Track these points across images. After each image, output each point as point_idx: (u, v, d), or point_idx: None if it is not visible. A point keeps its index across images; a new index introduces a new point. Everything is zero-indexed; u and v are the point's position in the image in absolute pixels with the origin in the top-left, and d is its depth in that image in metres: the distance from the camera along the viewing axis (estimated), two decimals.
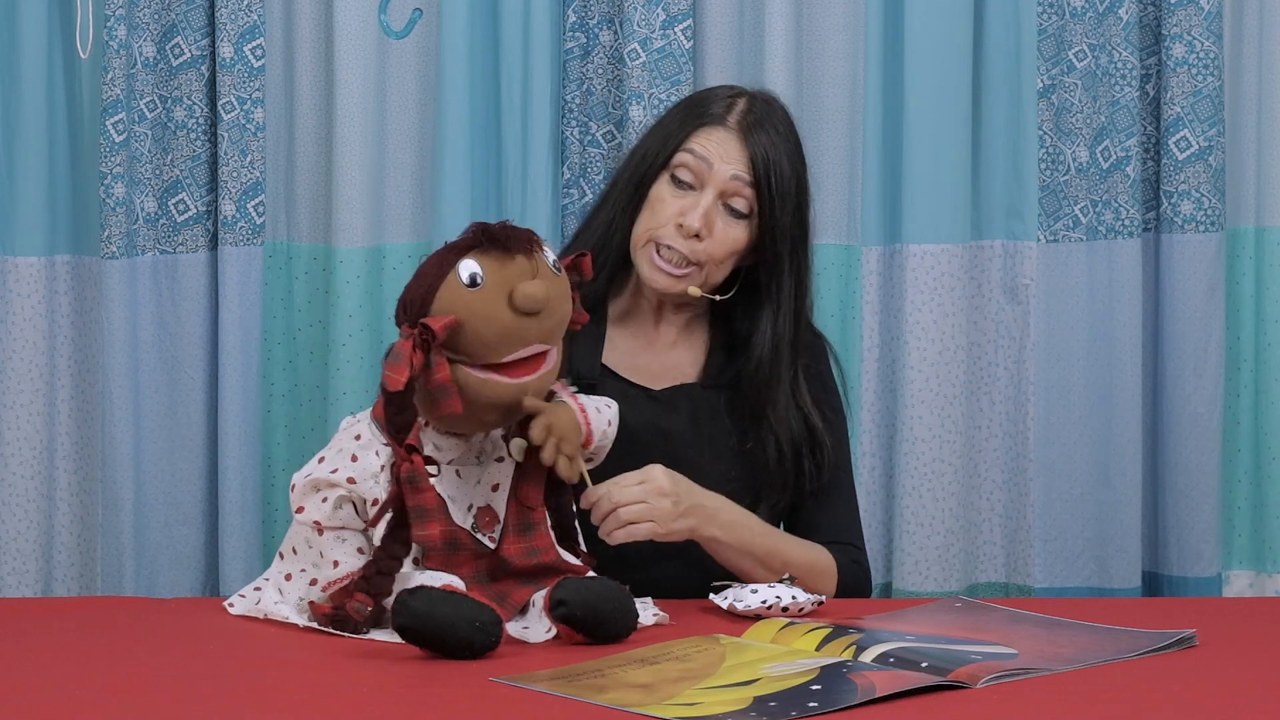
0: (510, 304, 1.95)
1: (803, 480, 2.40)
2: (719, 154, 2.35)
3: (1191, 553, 3.05)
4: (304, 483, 2.05)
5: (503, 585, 2.02)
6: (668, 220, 2.35)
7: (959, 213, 3.02)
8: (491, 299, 1.95)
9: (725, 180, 2.34)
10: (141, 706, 1.71)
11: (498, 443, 2.07)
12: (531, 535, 2.05)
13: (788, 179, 2.36)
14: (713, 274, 2.37)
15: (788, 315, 2.39)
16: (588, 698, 1.71)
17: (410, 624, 1.86)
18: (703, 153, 2.35)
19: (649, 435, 2.37)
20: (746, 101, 2.41)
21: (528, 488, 2.06)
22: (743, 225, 2.36)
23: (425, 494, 1.96)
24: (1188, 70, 3.01)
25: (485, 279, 1.96)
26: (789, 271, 2.38)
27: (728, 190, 2.35)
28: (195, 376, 3.01)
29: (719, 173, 2.35)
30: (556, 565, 2.04)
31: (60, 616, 2.16)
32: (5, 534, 3.00)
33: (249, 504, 2.98)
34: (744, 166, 2.35)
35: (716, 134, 2.36)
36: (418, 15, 3.02)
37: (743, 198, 2.35)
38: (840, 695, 1.71)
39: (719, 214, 2.35)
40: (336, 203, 2.97)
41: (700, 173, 2.35)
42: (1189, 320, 3.03)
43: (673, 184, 2.37)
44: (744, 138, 2.36)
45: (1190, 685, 1.80)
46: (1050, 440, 3.05)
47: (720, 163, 2.35)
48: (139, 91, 2.97)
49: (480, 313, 1.95)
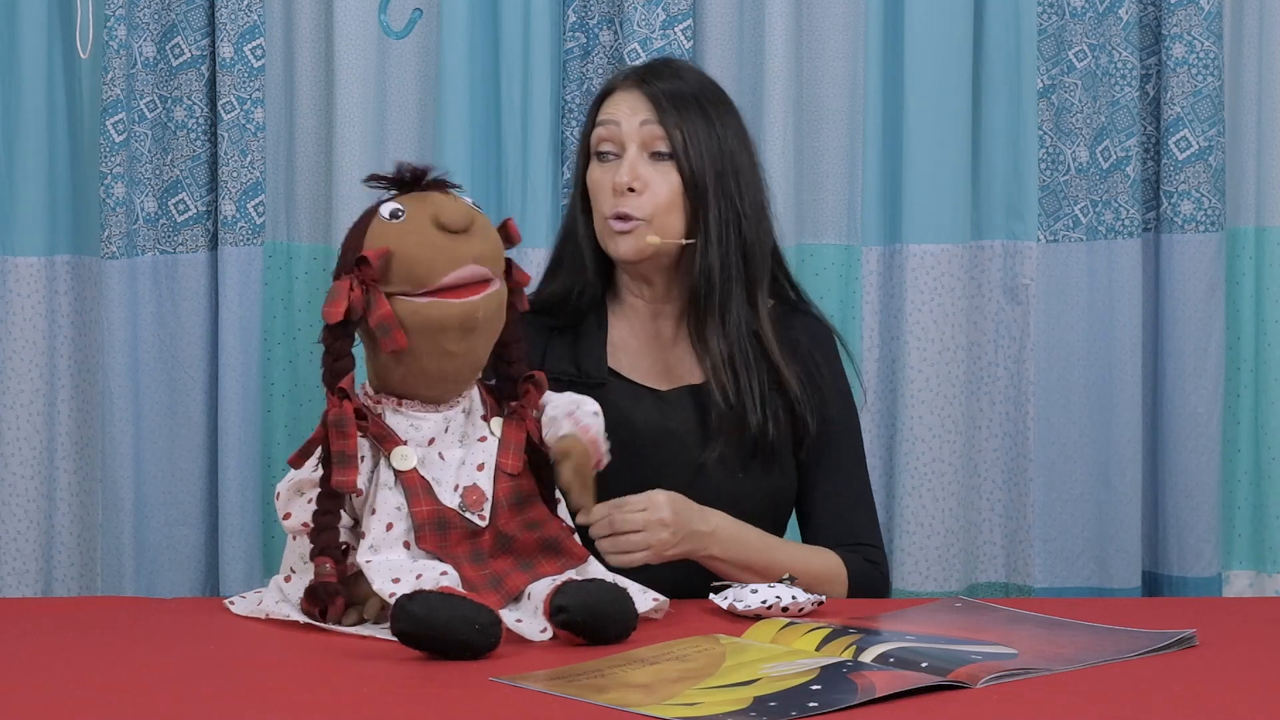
0: (436, 223, 2.00)
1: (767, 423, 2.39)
2: (624, 111, 2.39)
3: (1191, 553, 3.05)
4: (287, 487, 2.06)
5: (499, 564, 2.02)
6: (607, 193, 2.38)
7: (959, 213, 3.02)
8: (418, 225, 2.00)
9: (636, 130, 2.38)
10: (141, 706, 1.71)
11: (478, 424, 2.08)
12: (527, 507, 2.05)
13: (694, 110, 2.38)
14: (665, 223, 2.37)
15: (724, 246, 2.37)
16: (587, 698, 1.71)
17: (409, 629, 1.86)
18: (610, 117, 2.40)
19: (656, 436, 2.37)
20: (641, 65, 2.49)
21: (506, 455, 2.07)
22: (671, 165, 2.38)
23: (350, 440, 1.98)
24: (1188, 70, 3.01)
25: (407, 211, 2.01)
26: (715, 202, 2.37)
27: (644, 138, 2.38)
28: (195, 376, 3.01)
29: (628, 126, 2.38)
30: (558, 539, 2.04)
31: (60, 616, 2.16)
32: (5, 534, 3.00)
33: (249, 504, 2.98)
34: (648, 111, 2.38)
35: (616, 97, 2.41)
36: (418, 15, 3.02)
37: (659, 138, 2.37)
38: (840, 695, 1.71)
39: (644, 164, 2.37)
40: (336, 203, 2.97)
41: (615, 136, 2.39)
42: (1189, 320, 3.03)
43: (599, 161, 2.40)
44: (640, 86, 2.40)
45: (1190, 685, 1.80)
46: (1050, 440, 3.05)
47: (627, 117, 2.38)
48: (139, 91, 2.97)
49: (409, 239, 1.99)
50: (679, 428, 2.40)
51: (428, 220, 2.00)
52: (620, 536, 2.19)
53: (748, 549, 2.29)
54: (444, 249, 2.00)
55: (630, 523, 2.19)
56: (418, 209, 2.01)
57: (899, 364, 3.02)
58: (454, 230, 1.99)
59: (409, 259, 1.99)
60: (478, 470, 2.06)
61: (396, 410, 2.05)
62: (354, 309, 1.98)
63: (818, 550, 2.38)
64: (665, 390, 2.43)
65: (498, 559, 2.03)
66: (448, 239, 2.00)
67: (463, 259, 2.00)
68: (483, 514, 2.04)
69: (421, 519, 2.01)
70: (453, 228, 1.99)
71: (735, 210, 2.38)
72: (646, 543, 2.20)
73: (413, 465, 2.02)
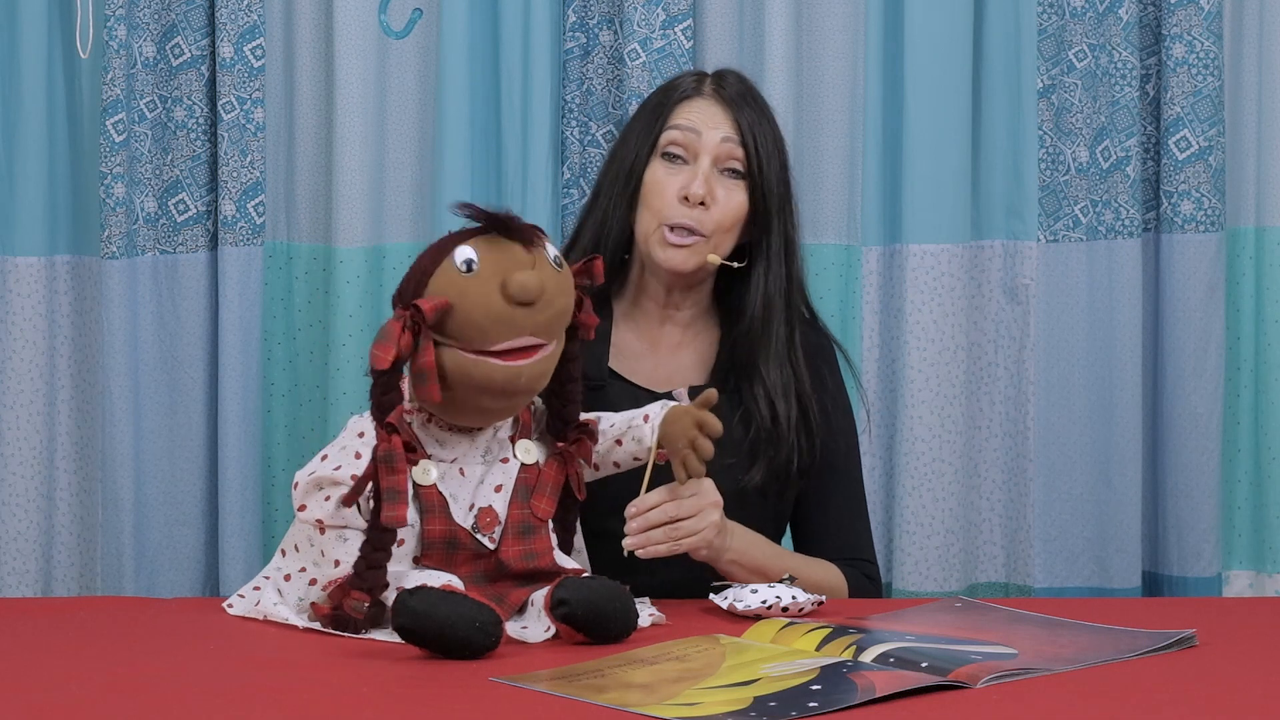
0: (503, 292, 1.95)
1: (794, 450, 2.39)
2: (705, 121, 2.38)
3: (1191, 553, 3.05)
4: (307, 481, 2.04)
5: (500, 586, 2.02)
6: (672, 199, 2.35)
7: (959, 213, 3.02)
8: (485, 285, 1.96)
9: (717, 144, 2.36)
10: (141, 706, 1.71)
11: (504, 443, 2.07)
12: (531, 539, 2.05)
13: (769, 135, 2.39)
14: (721, 243, 2.38)
15: (779, 274, 2.39)
16: (588, 698, 1.71)
17: (410, 624, 1.86)
18: (689, 124, 2.37)
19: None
20: (714, 76, 2.45)
21: (541, 499, 2.06)
22: (741, 186, 2.38)
23: (399, 475, 1.97)
24: (1188, 70, 3.01)
25: (480, 265, 1.96)
26: (777, 229, 2.39)
27: (721, 154, 2.37)
28: (195, 376, 3.01)
29: (709, 139, 2.37)
30: (553, 569, 2.04)
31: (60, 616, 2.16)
32: (5, 534, 3.00)
33: (249, 504, 2.98)
34: (730, 128, 2.37)
35: (697, 104, 2.40)
36: (418, 15, 3.02)
37: (736, 159, 2.37)
38: (840, 695, 1.71)
39: (717, 180, 2.36)
40: (336, 203, 2.97)
41: (690, 144, 2.37)
42: (1189, 320, 3.03)
43: (666, 162, 2.38)
44: (723, 102, 2.39)
45: (1190, 685, 1.80)
46: (1050, 440, 3.05)
47: (708, 129, 2.37)
48: (139, 91, 2.97)
49: (472, 298, 1.96)
50: None
51: (496, 284, 1.95)
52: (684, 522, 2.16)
53: (761, 552, 2.29)
54: (504, 319, 1.96)
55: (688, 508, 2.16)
56: (492, 267, 1.96)
57: (899, 364, 3.02)
58: (519, 302, 1.96)
59: (467, 320, 1.96)
60: (495, 491, 2.05)
61: (426, 425, 2.04)
62: (401, 355, 1.95)
63: (821, 562, 2.39)
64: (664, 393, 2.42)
65: (498, 582, 2.03)
66: (510, 310, 1.96)
67: (521, 330, 1.97)
68: (493, 537, 2.03)
69: (432, 538, 2.00)
70: (518, 299, 1.95)
71: (790, 239, 2.40)
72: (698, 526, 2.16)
73: (433, 481, 2.02)
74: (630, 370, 2.43)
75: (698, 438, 2.12)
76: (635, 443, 2.15)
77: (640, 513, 2.13)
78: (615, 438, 2.15)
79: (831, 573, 2.37)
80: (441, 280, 1.97)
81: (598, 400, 2.35)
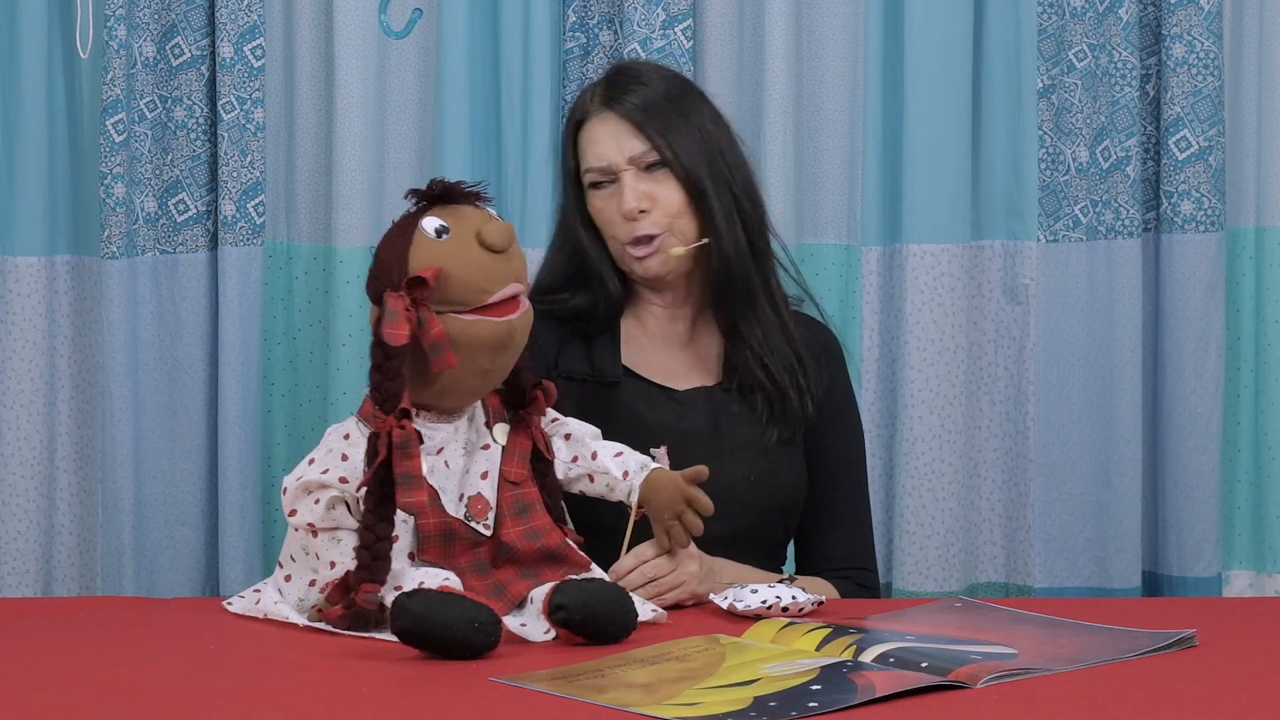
0: (481, 244, 2.00)
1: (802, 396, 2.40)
2: (606, 141, 2.38)
3: (1191, 553, 3.05)
4: (295, 486, 2.05)
5: (502, 573, 2.02)
6: (617, 220, 2.38)
7: (959, 213, 3.02)
8: (463, 244, 2.00)
9: (625, 158, 2.37)
10: (141, 706, 1.71)
11: (481, 431, 2.09)
12: (529, 516, 2.05)
13: (665, 109, 2.39)
14: (681, 229, 2.38)
15: (734, 232, 2.38)
16: (588, 698, 1.71)
17: (408, 627, 1.86)
18: (596, 155, 2.39)
19: (668, 436, 2.37)
20: (602, 81, 2.45)
21: (510, 464, 2.07)
22: (667, 172, 2.38)
23: (414, 460, 1.98)
24: (1188, 70, 3.01)
25: (451, 229, 2.01)
26: (716, 193, 2.38)
27: (636, 160, 2.38)
28: (195, 376, 3.01)
29: (615, 157, 2.38)
30: (560, 550, 2.05)
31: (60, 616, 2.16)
32: (5, 534, 3.00)
33: (249, 504, 2.98)
34: (629, 131, 2.38)
35: (594, 128, 2.40)
36: (418, 15, 3.02)
37: (649, 157, 2.38)
38: (840, 695, 1.71)
39: (644, 181, 2.36)
40: (336, 203, 2.97)
41: (607, 169, 2.38)
42: (1189, 320, 3.03)
43: (596, 190, 2.40)
44: (611, 109, 2.39)
45: (1190, 685, 1.80)
46: (1050, 440, 3.05)
47: (610, 148, 2.38)
48: (139, 91, 2.97)
49: (458, 258, 2.00)
50: (693, 428, 2.40)
51: (473, 239, 2.01)
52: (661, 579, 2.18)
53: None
54: (491, 269, 2.01)
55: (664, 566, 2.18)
56: (461, 226, 2.02)
57: (899, 364, 3.02)
58: (498, 249, 2.00)
59: (460, 281, 2.00)
60: (481, 479, 2.06)
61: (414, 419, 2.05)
62: (414, 331, 1.98)
63: (809, 580, 2.40)
64: (679, 390, 2.43)
65: (500, 569, 2.03)
66: (493, 259, 2.01)
67: (507, 278, 2.02)
68: (487, 523, 2.04)
69: (428, 531, 2.01)
70: (498, 247, 2.00)
71: (732, 194, 2.40)
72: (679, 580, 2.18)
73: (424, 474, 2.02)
74: (643, 367, 2.44)
75: (686, 512, 2.14)
76: (607, 489, 2.17)
77: (618, 578, 2.14)
78: (589, 472, 2.17)
79: (821, 588, 2.37)
80: (421, 252, 2.01)
81: (612, 396, 2.36)
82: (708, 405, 2.42)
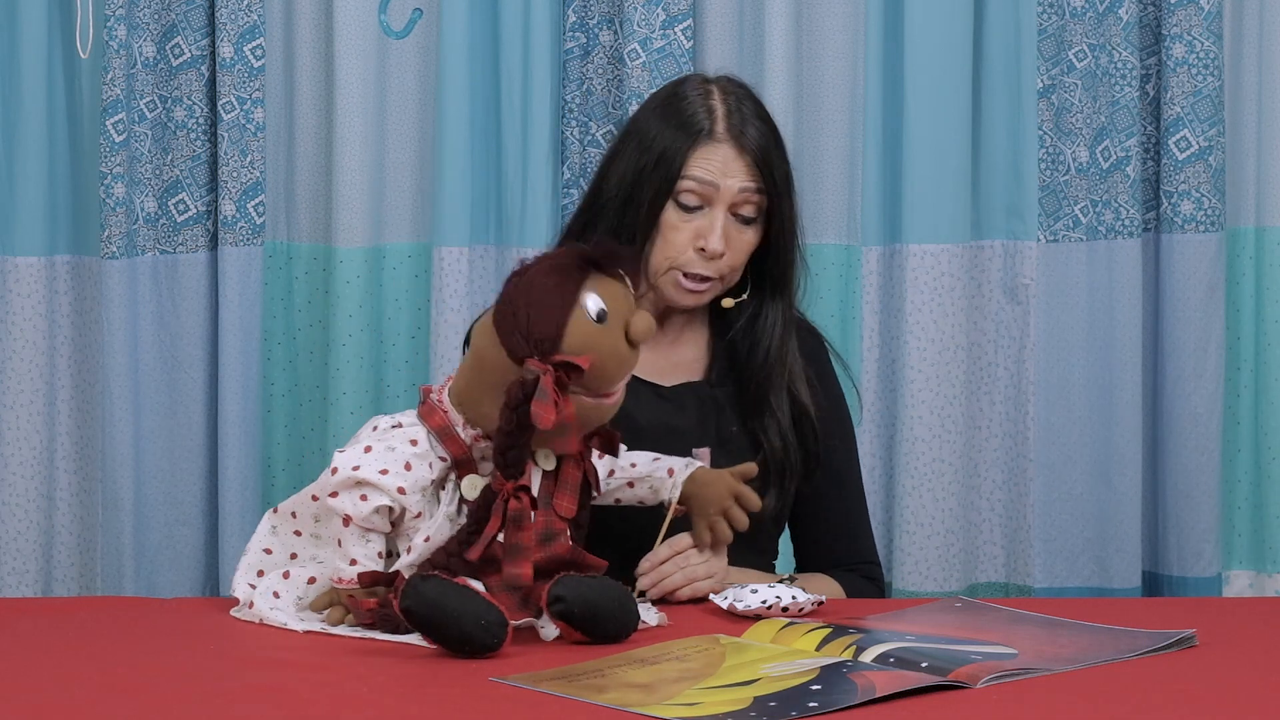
0: (628, 337, 1.97)
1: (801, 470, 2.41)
2: (721, 171, 2.33)
3: (1191, 553, 3.05)
4: (348, 474, 2.00)
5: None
6: (685, 246, 2.34)
7: (959, 212, 3.02)
8: (615, 335, 1.97)
9: (733, 194, 2.34)
10: (141, 706, 1.71)
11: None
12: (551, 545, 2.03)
13: (781, 169, 2.37)
14: (731, 280, 2.38)
15: (786, 303, 2.41)
16: (588, 698, 1.71)
17: (416, 607, 1.85)
18: (706, 176, 2.33)
19: (658, 433, 2.36)
20: (723, 102, 2.37)
21: (563, 498, 2.04)
22: (754, 229, 2.36)
23: (525, 532, 1.96)
24: (1188, 70, 3.01)
25: (609, 314, 1.97)
26: (796, 260, 2.40)
27: (737, 202, 2.34)
28: (195, 376, 3.01)
29: (726, 190, 2.33)
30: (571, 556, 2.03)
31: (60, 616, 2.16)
32: (5, 534, 3.00)
33: (249, 504, 2.98)
34: (747, 175, 2.34)
35: (713, 151, 2.34)
36: (418, 15, 3.02)
37: (751, 204, 2.35)
38: (840, 695, 1.71)
39: (730, 225, 2.35)
40: (336, 203, 2.97)
41: (707, 195, 2.34)
42: (1189, 320, 3.04)
43: (679, 209, 2.36)
44: (738, 145, 2.34)
45: (1190, 685, 1.80)
46: (1050, 440, 3.05)
47: (725, 180, 2.33)
48: (139, 91, 2.98)
49: (608, 350, 1.96)
50: (681, 424, 2.40)
51: (623, 330, 1.97)
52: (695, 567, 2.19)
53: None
54: (629, 363, 1.99)
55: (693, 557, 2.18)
56: (615, 313, 1.97)
57: (899, 364, 3.02)
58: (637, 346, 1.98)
59: (604, 372, 1.96)
60: None
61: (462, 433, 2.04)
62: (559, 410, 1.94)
63: (815, 576, 2.40)
64: (667, 386, 2.43)
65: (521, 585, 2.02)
66: (632, 354, 1.98)
67: (632, 370, 2.00)
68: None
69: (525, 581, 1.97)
70: (638, 343, 1.98)
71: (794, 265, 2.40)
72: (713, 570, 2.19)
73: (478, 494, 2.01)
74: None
75: (732, 508, 2.15)
76: (650, 490, 2.17)
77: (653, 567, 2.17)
78: (628, 479, 2.17)
79: (828, 585, 2.37)
80: (578, 332, 1.95)
81: None
82: (696, 402, 2.42)
